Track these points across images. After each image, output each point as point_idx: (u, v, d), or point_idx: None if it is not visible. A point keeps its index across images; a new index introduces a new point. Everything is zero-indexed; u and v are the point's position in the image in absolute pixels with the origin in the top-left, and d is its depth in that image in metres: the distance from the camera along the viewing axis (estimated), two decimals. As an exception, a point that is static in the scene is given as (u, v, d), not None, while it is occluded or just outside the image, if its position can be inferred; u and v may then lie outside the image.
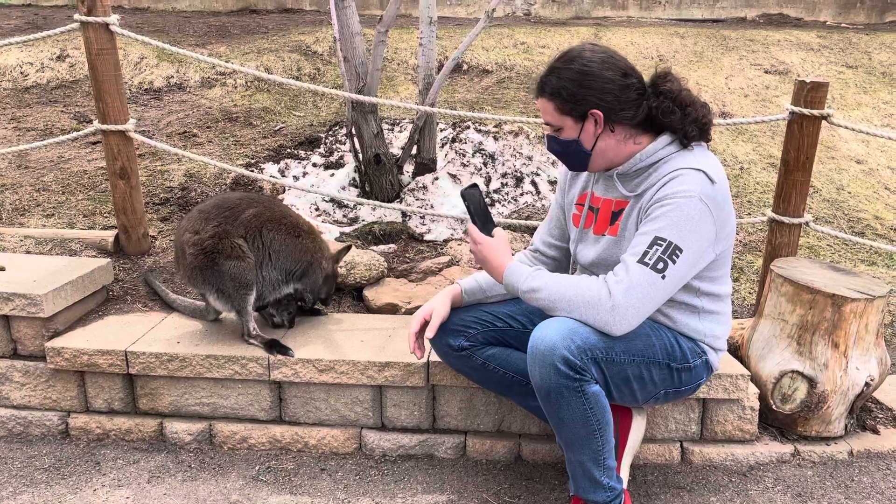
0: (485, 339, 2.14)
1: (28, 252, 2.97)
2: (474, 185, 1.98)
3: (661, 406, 2.36)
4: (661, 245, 1.76)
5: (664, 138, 1.90)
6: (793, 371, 2.34)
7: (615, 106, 1.85)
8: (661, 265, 1.75)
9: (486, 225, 1.96)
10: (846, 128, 2.81)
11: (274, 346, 2.41)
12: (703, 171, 1.81)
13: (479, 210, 1.96)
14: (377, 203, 3.39)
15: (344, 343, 2.47)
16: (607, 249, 1.96)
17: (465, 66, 5.89)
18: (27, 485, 2.24)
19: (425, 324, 2.09)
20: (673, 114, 1.87)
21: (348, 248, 2.74)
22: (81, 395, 2.50)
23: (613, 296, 1.75)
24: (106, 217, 3.37)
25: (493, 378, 2.16)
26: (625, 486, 2.07)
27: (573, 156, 1.94)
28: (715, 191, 1.80)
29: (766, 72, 6.01)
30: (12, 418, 2.50)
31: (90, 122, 4.56)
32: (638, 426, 2.17)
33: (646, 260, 1.75)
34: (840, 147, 4.97)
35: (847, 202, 4.29)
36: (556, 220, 2.21)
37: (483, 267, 1.97)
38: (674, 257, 1.76)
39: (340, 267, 2.91)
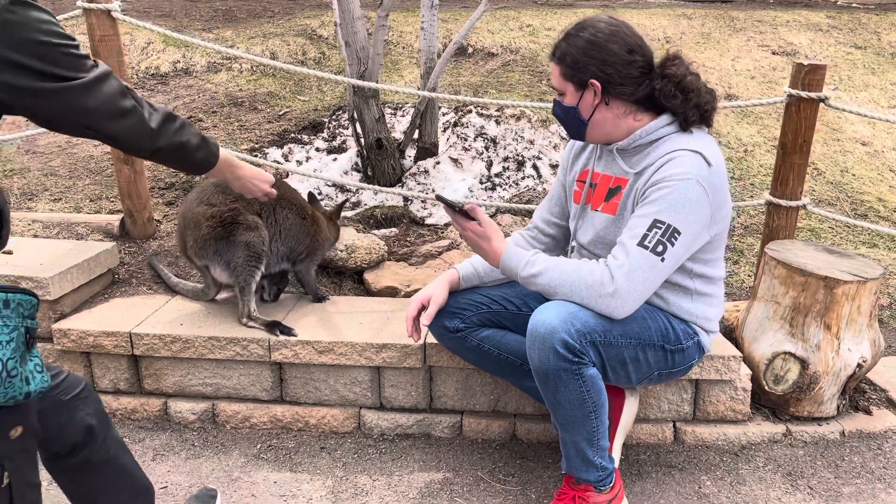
0: (480, 321, 2.18)
1: (35, 236, 3.03)
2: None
3: (654, 387, 2.40)
4: (659, 228, 1.78)
5: (664, 118, 1.92)
6: (785, 352, 2.36)
7: (615, 79, 1.87)
8: (660, 248, 1.78)
9: (466, 216, 1.96)
10: (843, 110, 2.81)
11: (276, 327, 2.46)
12: (701, 154, 1.83)
13: (456, 204, 1.95)
14: (379, 188, 3.43)
15: (343, 325, 2.52)
16: (606, 228, 1.99)
17: (471, 50, 5.88)
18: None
19: (423, 308, 2.13)
20: (674, 98, 1.89)
21: (344, 203, 2.92)
22: (88, 375, 2.56)
23: (615, 280, 1.78)
24: (112, 201, 3.42)
25: (488, 359, 2.20)
26: (616, 465, 2.11)
27: (571, 123, 1.97)
28: (711, 174, 1.82)
29: (773, 53, 5.96)
30: (21, 398, 2.56)
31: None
32: (630, 406, 2.21)
33: (645, 243, 1.78)
34: (846, 129, 4.95)
35: (851, 184, 4.28)
36: (557, 198, 2.24)
37: (478, 252, 1.99)
38: (672, 240, 1.78)
39: (341, 250, 2.95)
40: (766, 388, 2.42)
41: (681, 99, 1.89)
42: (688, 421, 2.44)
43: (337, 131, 4.22)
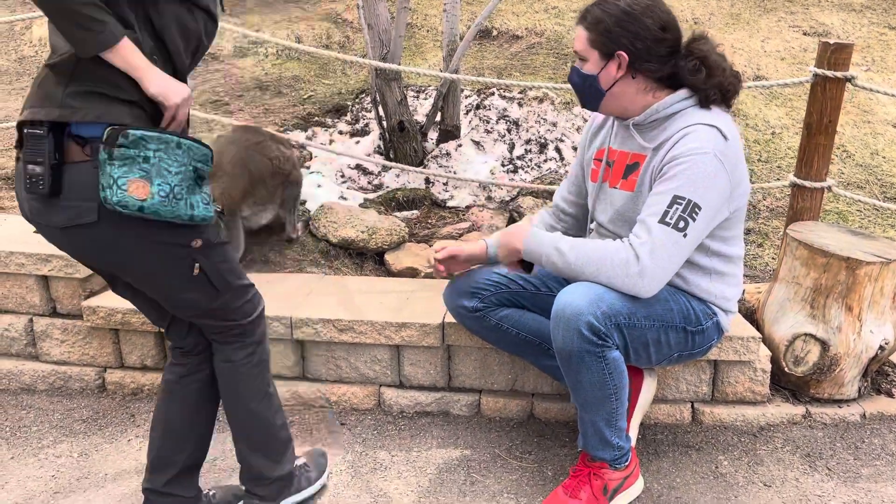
0: (498, 301, 2.19)
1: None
2: None
3: (672, 367, 2.40)
4: (680, 204, 1.78)
5: (682, 92, 1.91)
6: (805, 334, 2.35)
7: (643, 54, 1.86)
8: (682, 224, 1.77)
9: None
10: (871, 90, 2.76)
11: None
12: (717, 128, 1.83)
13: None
14: (401, 166, 3.45)
15: (363, 304, 2.55)
16: (625, 205, 1.99)
17: (495, 32, 5.86)
18: (66, 434, 2.39)
19: (448, 258, 2.17)
20: (698, 72, 1.88)
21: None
22: (116, 351, 2.63)
23: (641, 259, 1.78)
24: (140, 183, 3.49)
25: (506, 338, 2.22)
26: (633, 444, 2.13)
27: (588, 91, 1.95)
28: (728, 147, 1.82)
29: (804, 34, 5.85)
30: (53, 373, 2.65)
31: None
32: (649, 386, 2.22)
33: (667, 220, 1.77)
34: (877, 111, 4.85)
35: (881, 167, 4.21)
36: (575, 178, 2.25)
37: (503, 238, 2.01)
38: (693, 215, 1.78)
39: (362, 231, 2.99)
40: (786, 369, 2.40)
41: (704, 75, 1.88)
42: (706, 402, 2.43)
43: (360, 114, 4.25)
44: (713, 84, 1.88)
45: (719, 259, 1.98)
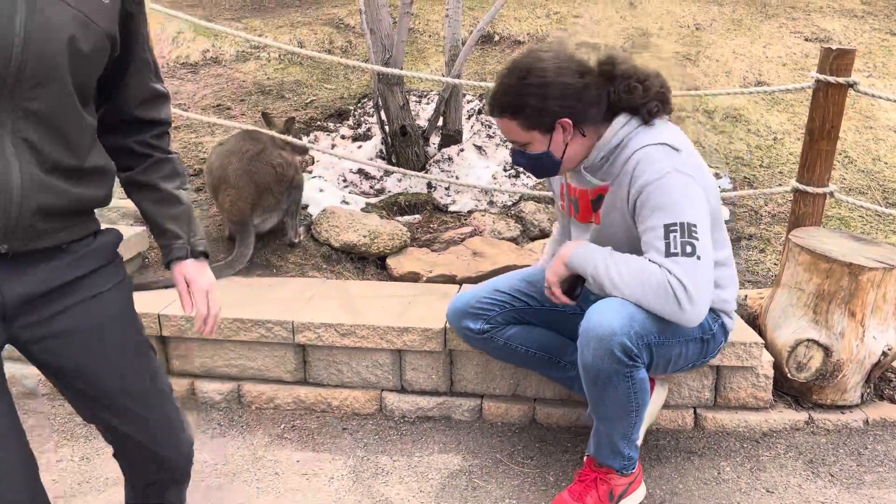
0: (504, 320, 2.17)
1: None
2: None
3: (675, 373, 2.39)
4: (675, 231, 1.73)
5: (619, 119, 1.85)
6: (808, 339, 2.34)
7: (580, 109, 1.82)
8: (689, 248, 1.72)
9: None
10: (873, 96, 2.76)
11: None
12: (665, 144, 1.79)
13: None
14: (403, 171, 3.45)
15: (365, 308, 2.55)
16: (597, 240, 1.96)
17: (497, 37, 5.87)
18: (68, 439, 2.39)
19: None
20: (635, 91, 1.82)
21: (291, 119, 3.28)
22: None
23: (687, 293, 1.73)
24: (142, 188, 3.49)
25: (515, 355, 2.22)
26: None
27: (544, 167, 1.91)
28: (682, 157, 1.78)
29: (806, 40, 5.86)
30: (55, 377, 2.65)
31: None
32: (659, 395, 2.22)
33: (673, 251, 1.73)
34: (879, 117, 4.85)
35: (883, 173, 4.20)
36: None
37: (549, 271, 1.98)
38: (693, 234, 1.73)
39: (364, 235, 2.99)
40: (788, 375, 2.40)
41: (641, 90, 1.82)
42: (708, 407, 2.43)
43: (362, 119, 4.26)
44: (653, 94, 1.83)
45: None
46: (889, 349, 2.35)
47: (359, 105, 4.46)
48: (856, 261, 2.27)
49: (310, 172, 3.73)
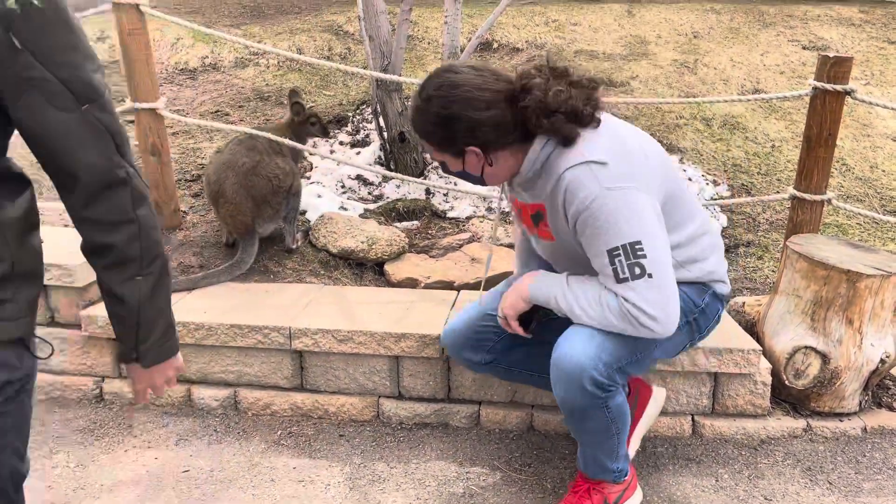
0: (504, 346, 2.14)
1: (66, 226, 3.10)
2: None
3: (673, 380, 2.39)
4: (619, 255, 1.67)
5: (537, 142, 1.76)
6: (806, 347, 2.34)
7: (490, 138, 1.73)
8: (637, 270, 1.67)
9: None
10: (870, 104, 2.77)
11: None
12: (588, 162, 1.68)
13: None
14: (402, 177, 3.45)
15: (363, 315, 2.55)
16: (555, 252, 1.94)
17: (496, 45, 5.88)
18: (63, 445, 2.38)
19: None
20: (543, 118, 1.71)
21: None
22: (114, 361, 2.62)
23: (646, 314, 1.71)
24: (140, 193, 3.49)
25: (518, 377, 2.22)
26: (632, 456, 2.13)
27: (469, 179, 1.86)
28: (610, 168, 1.68)
29: (803, 48, 5.87)
30: (51, 383, 2.64)
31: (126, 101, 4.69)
32: (656, 401, 2.21)
33: (622, 276, 1.68)
34: (876, 124, 4.86)
35: (880, 180, 4.21)
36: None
37: (506, 300, 1.95)
38: (639, 253, 1.67)
39: (362, 241, 2.99)
40: (786, 382, 2.40)
41: (547, 124, 1.71)
42: (706, 414, 2.42)
43: (361, 125, 4.26)
44: (562, 123, 1.71)
45: (681, 249, 1.88)
46: (887, 356, 2.35)
47: (357, 111, 4.47)
48: (853, 268, 2.27)
49: (308, 178, 3.73)
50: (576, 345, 1.75)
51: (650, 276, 1.67)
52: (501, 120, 1.72)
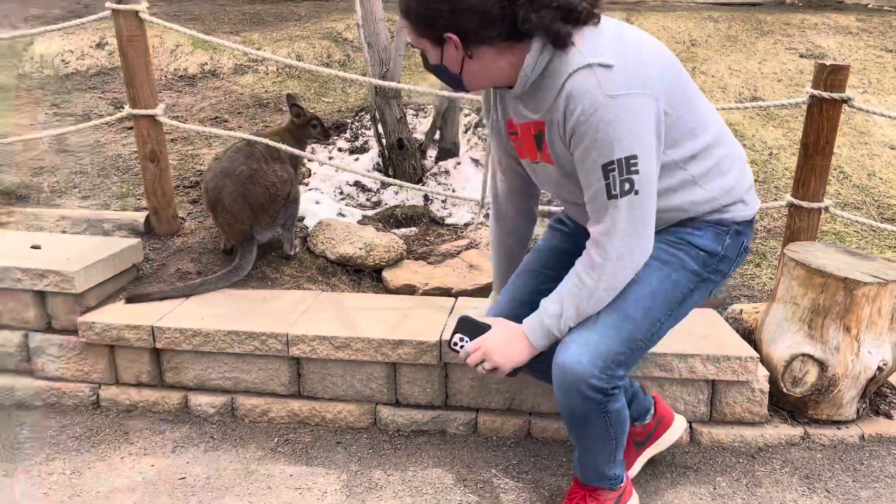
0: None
1: (63, 232, 3.10)
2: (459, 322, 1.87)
3: (671, 387, 2.39)
4: (612, 169, 1.57)
5: (535, 47, 1.61)
6: (803, 354, 2.34)
7: (473, 27, 1.57)
8: (627, 186, 1.58)
9: (476, 332, 1.83)
10: (867, 111, 2.77)
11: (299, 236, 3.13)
12: (592, 64, 1.54)
13: (466, 327, 1.84)
14: (400, 183, 3.45)
15: (360, 321, 2.54)
16: (559, 178, 1.78)
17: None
18: (59, 452, 2.37)
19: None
20: (527, 22, 1.56)
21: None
22: (111, 367, 2.61)
23: (608, 252, 1.64)
24: (138, 199, 3.49)
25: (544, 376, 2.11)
26: (634, 473, 2.13)
27: (446, 80, 1.73)
28: (615, 72, 1.54)
29: (801, 56, 5.89)
30: (47, 389, 2.63)
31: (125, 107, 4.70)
32: (675, 430, 2.22)
33: (613, 192, 1.59)
34: (874, 132, 4.87)
35: (878, 188, 4.22)
36: (498, 145, 2.00)
37: (504, 356, 1.78)
38: (632, 168, 1.57)
39: (360, 248, 2.99)
40: (784, 390, 2.39)
41: (536, 17, 1.55)
42: (704, 422, 2.42)
43: (359, 132, 4.27)
44: (552, 13, 1.55)
45: (696, 160, 1.73)
46: (884, 364, 2.35)
47: (356, 118, 4.48)
48: (851, 275, 2.27)
49: (306, 184, 3.73)
50: (572, 351, 1.72)
51: (636, 193, 1.59)
52: (488, 8, 1.55)
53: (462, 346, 1.83)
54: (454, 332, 1.85)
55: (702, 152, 1.73)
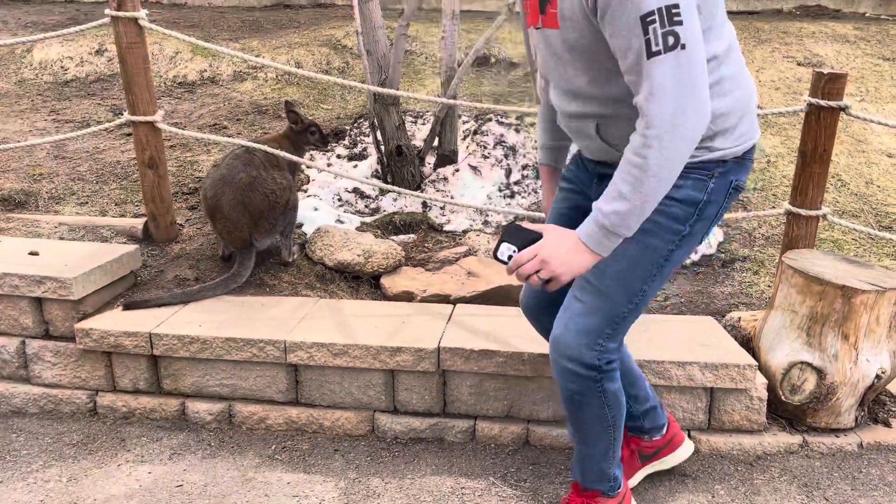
0: None
1: (61, 238, 3.10)
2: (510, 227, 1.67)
3: (669, 395, 2.38)
4: (652, 21, 1.38)
5: None
6: (802, 362, 2.34)
7: None
8: (671, 39, 1.39)
9: (526, 241, 1.62)
10: (865, 120, 2.78)
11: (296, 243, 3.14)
12: None
13: (514, 236, 1.64)
14: (399, 190, 3.46)
15: (358, 328, 2.54)
16: (559, 58, 1.63)
17: (493, 60, 5.91)
18: (56, 459, 2.36)
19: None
20: None
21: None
22: (109, 374, 2.61)
23: (659, 122, 1.42)
24: (136, 205, 3.49)
25: None
26: (634, 484, 2.14)
27: None
28: None
29: (798, 64, 5.91)
30: (44, 396, 2.62)
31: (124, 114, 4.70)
32: (684, 451, 2.23)
33: (655, 48, 1.39)
34: (871, 141, 4.89)
35: (875, 196, 4.23)
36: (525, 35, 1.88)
37: (565, 265, 1.58)
38: (675, 18, 1.39)
39: (358, 255, 2.99)
40: (782, 398, 2.39)
41: None
42: (702, 430, 2.42)
43: (358, 139, 4.27)
44: None
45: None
46: (882, 372, 2.35)
47: (355, 125, 4.48)
48: (849, 283, 2.27)
49: (305, 191, 3.73)
50: (561, 327, 1.73)
51: (683, 47, 1.39)
52: None
53: (510, 257, 1.61)
54: (500, 242, 1.63)
55: (714, 59, 1.55)
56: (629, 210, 1.51)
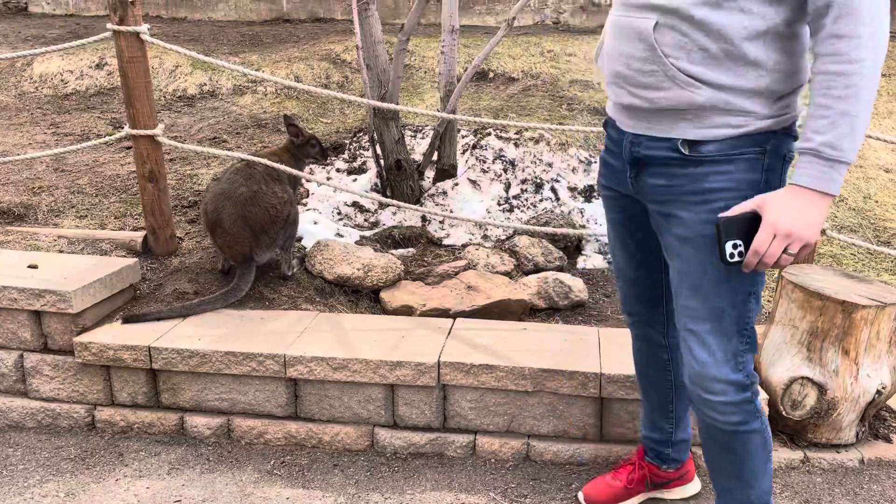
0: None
1: (61, 251, 3.09)
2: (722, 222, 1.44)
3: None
4: None
5: None
6: (802, 377, 2.34)
7: None
8: None
9: (747, 227, 1.43)
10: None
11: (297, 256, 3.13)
12: None
13: (733, 228, 1.43)
14: (398, 204, 3.46)
15: (358, 342, 2.53)
16: None
17: (492, 74, 5.94)
18: (53, 473, 2.34)
19: None
20: None
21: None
22: (107, 388, 2.60)
23: (865, 20, 1.30)
24: (136, 219, 3.49)
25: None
26: None
27: None
28: None
29: (795, 80, 5.95)
30: (42, 410, 2.61)
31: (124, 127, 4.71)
32: (688, 490, 2.22)
33: None
34: (869, 156, 4.91)
35: (874, 211, 4.24)
36: None
37: (809, 224, 1.38)
38: None
39: (358, 268, 2.98)
40: (783, 413, 2.39)
41: None
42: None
43: (357, 153, 4.28)
44: None
45: (787, 23, 1.43)
46: (883, 387, 2.35)
47: (354, 139, 4.49)
48: (849, 298, 2.27)
49: (304, 205, 3.73)
50: (700, 364, 1.58)
51: None
52: None
53: (741, 252, 1.42)
54: (723, 242, 1.42)
55: (796, 23, 1.43)
56: (852, 127, 1.33)
